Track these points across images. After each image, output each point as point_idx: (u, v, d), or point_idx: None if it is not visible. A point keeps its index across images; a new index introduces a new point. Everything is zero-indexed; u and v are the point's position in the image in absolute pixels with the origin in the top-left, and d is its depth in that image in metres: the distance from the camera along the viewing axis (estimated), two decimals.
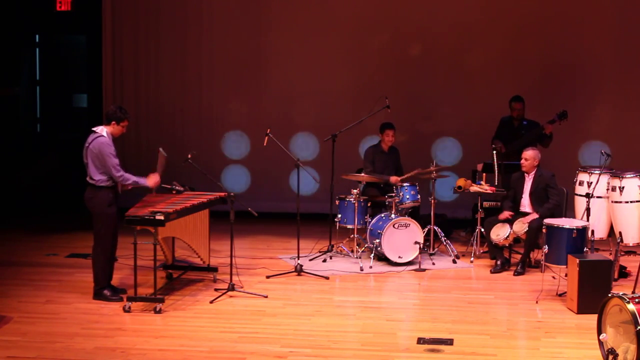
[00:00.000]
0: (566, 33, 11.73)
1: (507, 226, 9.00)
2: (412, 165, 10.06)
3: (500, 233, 9.01)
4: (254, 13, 12.29)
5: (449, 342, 6.88)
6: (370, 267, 9.26)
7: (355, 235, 9.65)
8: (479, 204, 9.83)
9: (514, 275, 9.00)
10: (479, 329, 7.25)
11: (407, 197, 9.77)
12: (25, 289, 8.40)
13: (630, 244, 8.77)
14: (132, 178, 7.91)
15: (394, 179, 9.92)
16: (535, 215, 8.95)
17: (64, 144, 12.93)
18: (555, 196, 9.02)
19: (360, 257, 9.47)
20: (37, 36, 13.58)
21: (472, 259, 9.64)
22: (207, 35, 12.39)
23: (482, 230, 9.52)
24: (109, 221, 7.92)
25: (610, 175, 8.77)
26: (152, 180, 8.05)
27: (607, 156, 8.54)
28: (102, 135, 7.87)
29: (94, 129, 7.95)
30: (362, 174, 9.85)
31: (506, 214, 9.13)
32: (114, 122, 7.96)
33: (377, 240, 9.35)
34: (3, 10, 12.51)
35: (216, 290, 8.28)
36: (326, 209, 9.96)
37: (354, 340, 7.05)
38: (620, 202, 8.66)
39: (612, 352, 6.01)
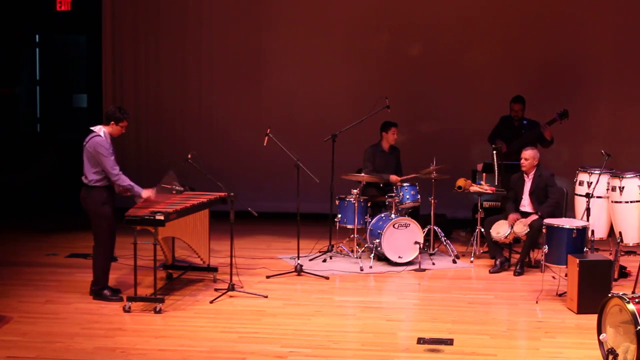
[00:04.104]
0: (566, 33, 11.74)
1: (508, 224, 9.01)
2: (412, 164, 10.06)
3: (500, 231, 9.01)
4: (254, 13, 12.29)
5: (449, 342, 6.88)
6: (370, 267, 9.26)
7: (355, 235, 9.65)
8: (479, 204, 9.83)
9: (514, 275, 9.00)
10: (479, 329, 7.25)
11: (407, 197, 9.77)
12: (25, 289, 8.40)
13: (630, 244, 8.77)
14: (128, 181, 7.86)
15: (393, 178, 9.93)
16: (535, 217, 8.93)
17: (63, 144, 12.93)
18: (555, 194, 9.00)
19: (360, 257, 9.47)
20: (37, 36, 13.57)
21: (472, 259, 9.64)
22: (207, 35, 12.39)
23: (482, 230, 9.52)
24: (105, 220, 7.91)
25: (610, 175, 8.77)
26: (147, 193, 7.97)
27: (607, 156, 8.54)
28: (99, 135, 7.87)
29: (92, 128, 7.96)
30: (362, 174, 9.84)
31: (513, 217, 9.06)
32: (112, 122, 7.96)
33: (377, 240, 9.35)
34: (3, 10, 12.51)
35: (216, 290, 8.28)
36: (326, 209, 9.96)
37: (354, 340, 7.05)
38: (620, 202, 8.65)
39: (612, 352, 6.01)
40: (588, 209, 8.40)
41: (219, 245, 9.49)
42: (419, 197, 9.86)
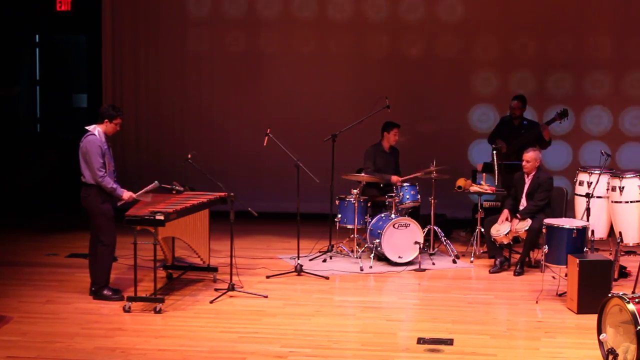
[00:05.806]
0: (566, 33, 11.74)
1: (508, 223, 9.01)
2: (412, 165, 10.06)
3: (500, 229, 9.01)
4: (254, 13, 12.29)
5: (449, 342, 6.88)
6: (370, 267, 9.26)
7: (355, 235, 9.65)
8: (479, 204, 9.83)
9: (514, 275, 9.00)
10: (479, 329, 7.25)
11: (407, 197, 9.77)
12: (25, 289, 8.40)
13: (630, 244, 8.77)
14: (112, 184, 7.88)
15: (395, 178, 9.92)
16: (516, 220, 8.94)
17: (63, 144, 12.91)
18: (540, 197, 8.98)
19: (360, 257, 9.47)
20: (37, 36, 13.57)
21: (472, 259, 9.64)
22: (207, 35, 12.39)
23: (482, 230, 9.52)
24: (106, 218, 7.92)
25: (610, 175, 8.78)
26: (127, 195, 7.97)
27: (607, 156, 8.54)
28: (93, 134, 7.89)
29: (87, 127, 7.97)
30: (362, 174, 9.84)
31: (505, 214, 9.09)
32: (106, 120, 7.98)
33: (377, 240, 9.34)
34: (3, 10, 12.51)
35: (216, 290, 8.28)
36: (326, 209, 9.95)
37: (354, 340, 7.05)
38: (620, 202, 8.66)
39: (612, 352, 6.01)
40: (588, 209, 8.40)
41: (219, 245, 9.49)
42: (419, 197, 9.86)
